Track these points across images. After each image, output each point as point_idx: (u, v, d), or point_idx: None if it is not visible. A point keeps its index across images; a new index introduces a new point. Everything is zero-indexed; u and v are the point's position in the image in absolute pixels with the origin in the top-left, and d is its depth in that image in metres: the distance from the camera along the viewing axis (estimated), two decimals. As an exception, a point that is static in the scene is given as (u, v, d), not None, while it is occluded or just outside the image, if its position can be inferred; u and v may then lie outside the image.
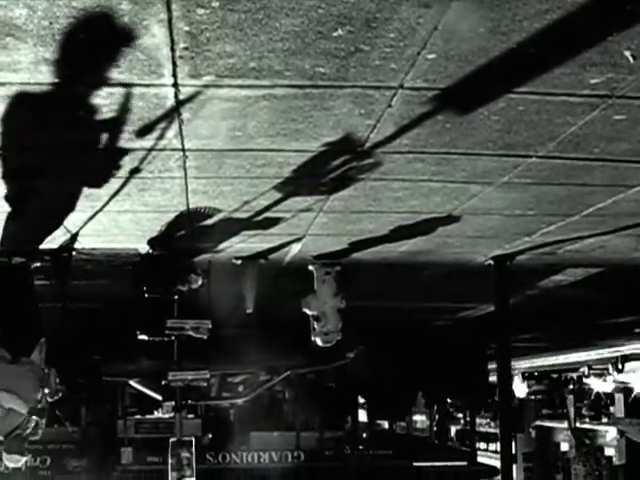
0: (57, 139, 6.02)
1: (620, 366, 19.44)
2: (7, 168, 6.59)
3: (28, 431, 8.31)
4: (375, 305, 14.10)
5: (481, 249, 10.24)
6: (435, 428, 27.46)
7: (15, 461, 8.34)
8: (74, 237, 8.99)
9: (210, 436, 20.95)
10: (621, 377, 19.53)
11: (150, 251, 9.40)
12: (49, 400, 8.71)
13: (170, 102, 5.26)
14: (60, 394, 8.98)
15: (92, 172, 6.83)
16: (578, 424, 20.48)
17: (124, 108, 5.34)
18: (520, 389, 23.87)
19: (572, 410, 19.88)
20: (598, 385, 21.37)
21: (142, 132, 5.80)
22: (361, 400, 24.52)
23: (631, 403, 20.38)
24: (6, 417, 8.17)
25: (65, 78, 4.88)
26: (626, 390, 20.53)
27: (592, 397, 21.94)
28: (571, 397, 21.39)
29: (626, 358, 19.43)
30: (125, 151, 6.22)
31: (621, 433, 20.20)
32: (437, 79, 4.96)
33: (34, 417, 8.30)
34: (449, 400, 23.93)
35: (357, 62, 4.70)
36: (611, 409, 18.88)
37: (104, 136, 5.89)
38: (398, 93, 5.17)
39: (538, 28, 4.29)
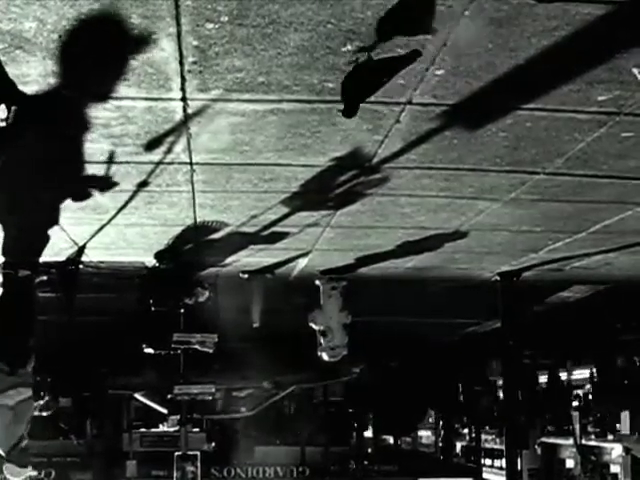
0: (64, 151, 6.03)
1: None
2: (14, 180, 6.60)
3: (26, 441, 8.31)
4: (381, 320, 14.06)
5: (488, 265, 10.24)
6: (441, 444, 27.35)
7: (17, 473, 8.33)
8: (81, 250, 8.99)
9: (213, 444, 20.91)
10: None
11: (157, 264, 9.39)
12: (43, 414, 8.71)
13: (178, 116, 5.28)
14: (53, 409, 8.97)
15: (99, 185, 6.84)
16: (584, 441, 20.35)
17: (132, 122, 5.36)
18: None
19: (578, 427, 19.74)
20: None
21: (150, 146, 5.81)
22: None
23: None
24: (8, 428, 8.17)
25: (73, 91, 4.90)
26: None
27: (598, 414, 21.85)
28: (576, 414, 21.26)
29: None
30: (133, 164, 6.23)
31: (627, 450, 20.08)
32: (445, 95, 4.96)
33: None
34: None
35: (365, 77, 4.70)
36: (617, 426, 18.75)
37: (111, 149, 5.90)
38: (406, 109, 5.17)
39: (546, 45, 4.30)
